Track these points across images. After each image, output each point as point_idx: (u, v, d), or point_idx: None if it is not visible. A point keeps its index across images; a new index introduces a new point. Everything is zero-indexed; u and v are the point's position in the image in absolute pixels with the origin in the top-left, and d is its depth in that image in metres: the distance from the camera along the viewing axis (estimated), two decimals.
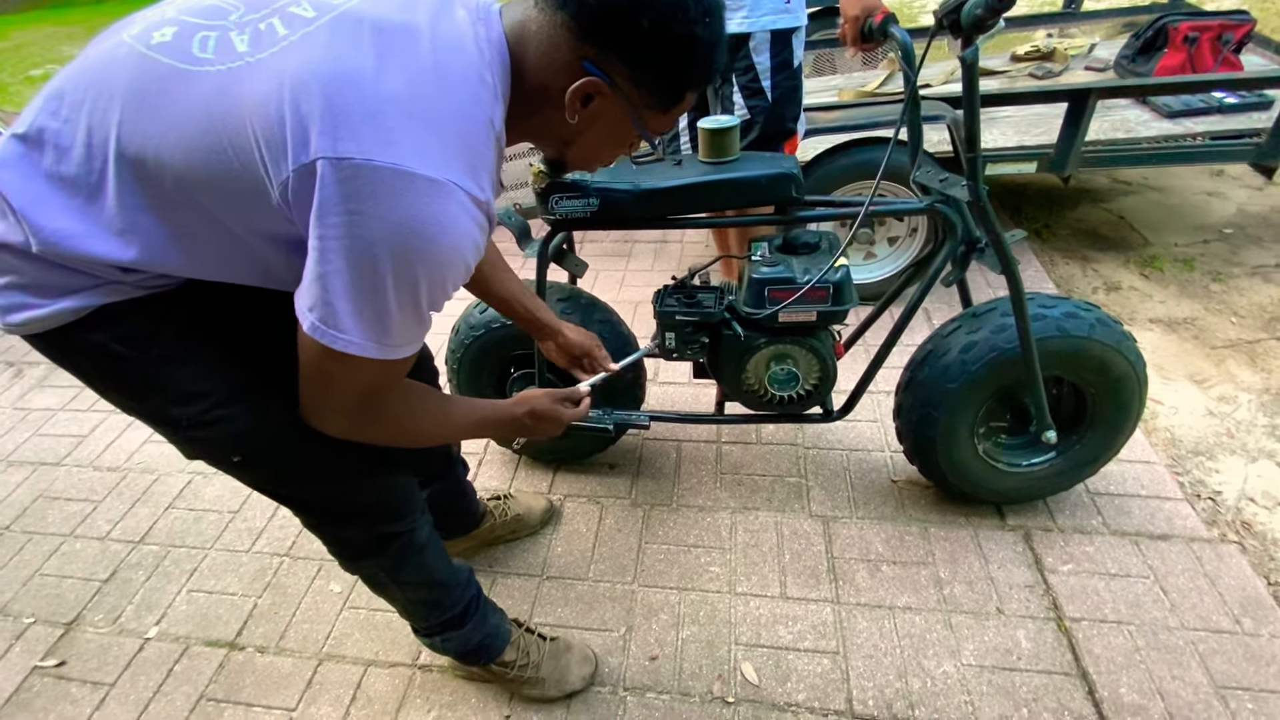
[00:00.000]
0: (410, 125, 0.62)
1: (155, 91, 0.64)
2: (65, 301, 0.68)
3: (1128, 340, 1.33)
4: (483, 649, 1.21)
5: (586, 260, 1.52)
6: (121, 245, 0.66)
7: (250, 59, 0.63)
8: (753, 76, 1.68)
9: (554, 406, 1.01)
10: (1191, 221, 2.64)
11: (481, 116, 0.68)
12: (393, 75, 0.62)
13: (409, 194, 0.61)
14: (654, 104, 0.74)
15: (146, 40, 0.66)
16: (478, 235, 0.69)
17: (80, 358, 0.74)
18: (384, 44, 0.63)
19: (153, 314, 0.73)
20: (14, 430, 2.14)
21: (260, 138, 0.61)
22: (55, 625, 1.54)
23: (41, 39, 9.30)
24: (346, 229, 0.61)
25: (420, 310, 0.69)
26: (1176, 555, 1.45)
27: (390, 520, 1.00)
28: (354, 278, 0.63)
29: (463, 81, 0.66)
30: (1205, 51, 2.34)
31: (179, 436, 0.82)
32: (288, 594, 1.55)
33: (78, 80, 0.67)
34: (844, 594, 1.44)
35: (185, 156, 0.63)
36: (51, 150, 0.65)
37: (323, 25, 0.64)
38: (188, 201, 0.65)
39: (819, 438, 1.82)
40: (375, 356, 0.68)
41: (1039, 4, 5.03)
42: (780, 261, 1.30)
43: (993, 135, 2.28)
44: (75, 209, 0.65)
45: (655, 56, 0.69)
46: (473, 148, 0.67)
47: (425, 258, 0.64)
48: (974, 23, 0.93)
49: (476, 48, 0.68)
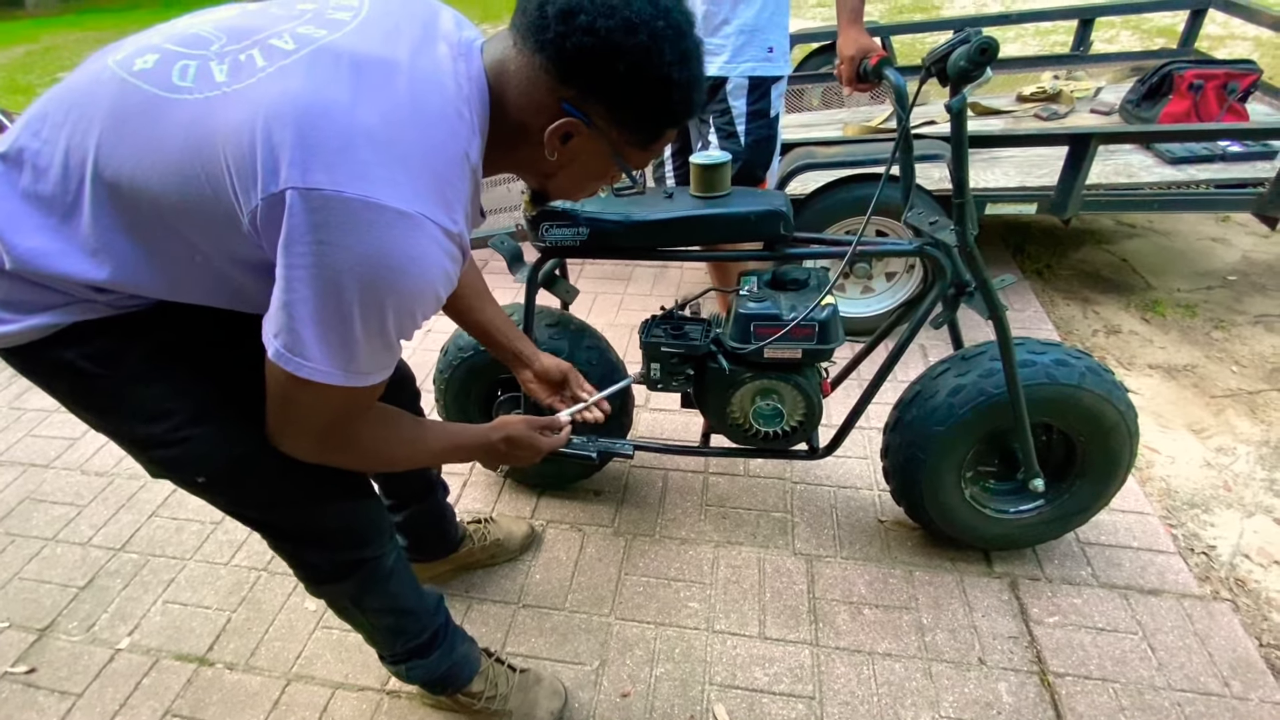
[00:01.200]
0: (382, 158, 0.62)
1: (134, 116, 0.64)
2: (37, 318, 0.69)
3: (1118, 390, 1.31)
4: (449, 678, 1.19)
5: (586, 282, 1.53)
6: (94, 265, 0.67)
7: (228, 89, 0.63)
8: (728, 119, 1.70)
9: (530, 434, 1.01)
10: (1195, 267, 2.62)
11: (456, 150, 0.68)
12: (368, 108, 0.63)
13: (378, 226, 0.61)
14: (633, 141, 0.74)
15: (129, 66, 0.67)
16: (449, 266, 0.69)
17: (50, 373, 0.75)
18: (361, 77, 0.64)
19: (123, 333, 0.73)
20: (7, 430, 2.15)
21: (232, 166, 0.62)
22: (29, 631, 1.53)
23: (72, 43, 9.56)
24: (314, 258, 0.61)
25: (388, 339, 0.69)
26: (1166, 612, 1.41)
27: (356, 547, 0.99)
28: (319, 306, 0.63)
29: (439, 116, 0.67)
30: (1211, 99, 2.35)
31: (144, 455, 0.82)
32: (262, 610, 1.54)
33: (60, 102, 0.68)
34: (823, 636, 1.41)
35: (160, 181, 0.64)
36: (30, 169, 0.66)
37: (301, 58, 0.65)
38: (161, 225, 0.66)
39: (807, 473, 1.80)
40: (341, 384, 0.68)
41: (1048, 46, 5.07)
42: (767, 297, 1.29)
43: (994, 175, 2.28)
44: (50, 228, 0.66)
45: (632, 98, 0.69)
46: (446, 180, 0.67)
47: (393, 288, 0.64)
48: (959, 74, 0.93)
49: (455, 83, 0.68)
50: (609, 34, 0.64)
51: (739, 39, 1.63)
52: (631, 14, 0.64)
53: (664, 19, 0.65)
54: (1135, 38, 5.22)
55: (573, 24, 0.64)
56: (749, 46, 1.64)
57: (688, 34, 0.69)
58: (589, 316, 2.46)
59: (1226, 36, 5.00)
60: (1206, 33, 4.92)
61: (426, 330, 2.49)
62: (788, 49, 1.72)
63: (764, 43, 1.64)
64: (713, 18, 1.63)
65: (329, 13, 0.70)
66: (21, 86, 7.29)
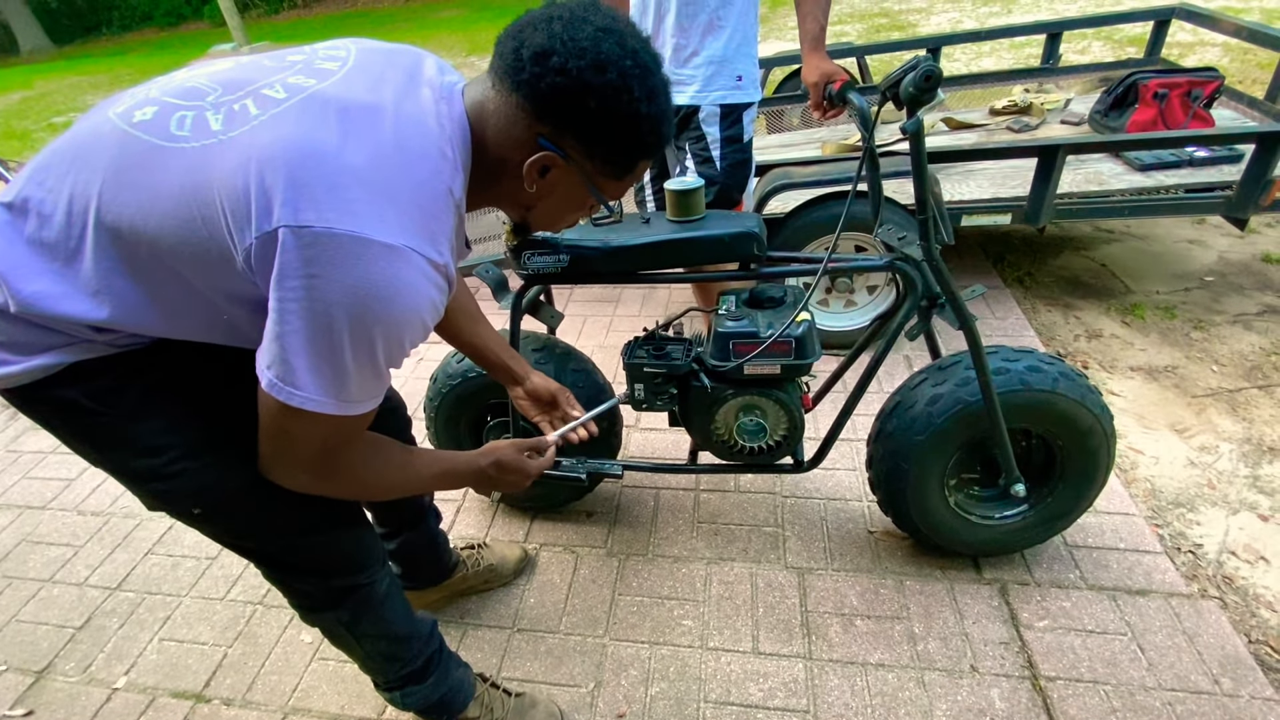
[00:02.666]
0: (370, 195, 0.66)
1: (134, 165, 0.68)
2: (39, 359, 0.72)
3: (1093, 393, 1.34)
4: (445, 705, 1.20)
5: (575, 305, 1.57)
6: (95, 305, 0.70)
7: (223, 137, 0.67)
8: (704, 145, 1.75)
9: (519, 458, 1.03)
10: (1173, 269, 2.67)
11: (440, 187, 0.72)
12: (355, 150, 0.67)
13: (365, 259, 0.65)
14: (608, 173, 0.78)
15: (129, 119, 0.70)
16: (435, 296, 0.72)
17: (50, 412, 0.77)
18: (348, 121, 0.68)
19: (122, 371, 0.76)
20: (4, 473, 2.16)
21: (227, 208, 0.65)
22: (27, 673, 1.53)
23: (65, 88, 9.70)
24: (305, 292, 0.64)
25: (378, 368, 0.72)
26: (1155, 611, 1.43)
27: (349, 573, 1.00)
28: (311, 337, 0.66)
29: (422, 155, 0.71)
30: (1176, 107, 2.41)
31: (141, 488, 0.84)
32: (259, 643, 1.54)
33: (63, 154, 0.72)
34: (816, 649, 1.42)
35: (158, 225, 0.67)
36: (35, 217, 0.70)
37: (292, 105, 0.69)
38: (160, 266, 0.70)
39: (797, 486, 1.82)
40: (333, 413, 0.71)
41: (1022, 59, 5.19)
42: (745, 316, 1.33)
43: (969, 187, 2.34)
44: (53, 272, 0.70)
45: (604, 133, 0.73)
46: (431, 215, 0.71)
47: (381, 319, 0.67)
48: (910, 99, 0.97)
49: (438, 124, 0.72)
50: (580, 73, 0.68)
51: (708, 69, 1.69)
52: (601, 55, 0.68)
53: (631, 59, 0.70)
54: (1106, 48, 5.35)
55: (546, 65, 0.68)
56: (719, 76, 1.70)
57: (655, 72, 0.73)
58: (578, 339, 2.49)
59: (1196, 43, 5.12)
60: (1177, 40, 5.05)
61: (418, 359, 2.52)
62: (757, 76, 1.77)
63: (733, 72, 1.70)
64: (682, 50, 1.69)
65: (317, 63, 0.74)
66: (17, 132, 7.39)
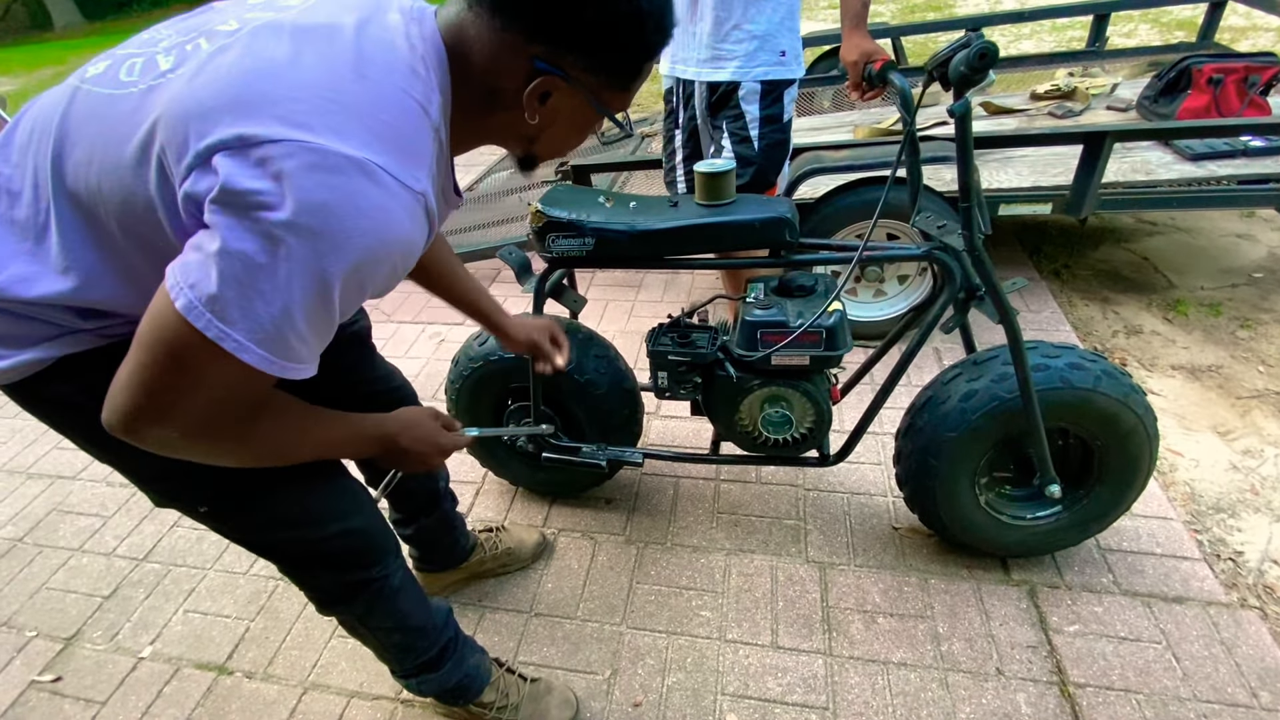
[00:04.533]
0: (325, 107, 0.57)
1: (84, 120, 0.64)
2: (28, 353, 0.69)
3: (1136, 393, 1.28)
4: (461, 690, 1.20)
5: (596, 290, 1.54)
6: (63, 281, 0.65)
7: (171, 75, 0.62)
8: (742, 124, 1.70)
9: (434, 426, 0.92)
10: (1219, 264, 2.56)
11: (412, 105, 0.63)
12: (308, 64, 0.59)
13: (320, 170, 0.55)
14: (613, 84, 0.71)
15: (82, 75, 0.67)
16: (408, 227, 0.62)
17: (49, 408, 0.75)
18: (302, 39, 0.61)
19: (116, 364, 0.70)
20: (36, 443, 2.21)
21: (167, 140, 0.58)
22: (56, 640, 1.57)
23: None
24: (247, 211, 0.55)
25: (330, 310, 0.61)
26: (1191, 620, 1.38)
27: (362, 567, 0.99)
28: (250, 265, 0.55)
29: (388, 70, 0.62)
30: (1231, 94, 2.30)
31: (147, 487, 0.83)
32: (280, 619, 1.56)
33: (26, 125, 0.68)
34: (837, 646, 1.39)
35: (109, 178, 0.61)
36: (5, 196, 0.66)
37: (243, 35, 0.63)
38: (123, 231, 0.64)
39: (820, 479, 1.78)
40: (257, 366, 0.59)
41: (1064, 42, 5.00)
42: (774, 304, 1.29)
43: (1008, 175, 2.25)
44: (25, 253, 0.65)
45: (606, 42, 0.67)
46: (401, 134, 0.62)
47: (336, 243, 0.57)
48: (960, 79, 0.92)
49: (408, 42, 0.65)
50: None
51: (750, 44, 1.63)
52: None
53: None
54: (1154, 32, 5.13)
55: None
56: (761, 51, 1.64)
57: None
58: (600, 324, 2.47)
59: (1249, 28, 4.89)
60: (1228, 24, 4.83)
61: (439, 340, 2.51)
62: (800, 52, 1.71)
63: (776, 47, 1.64)
64: (724, 22, 1.63)
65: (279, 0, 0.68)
66: None
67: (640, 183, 3.01)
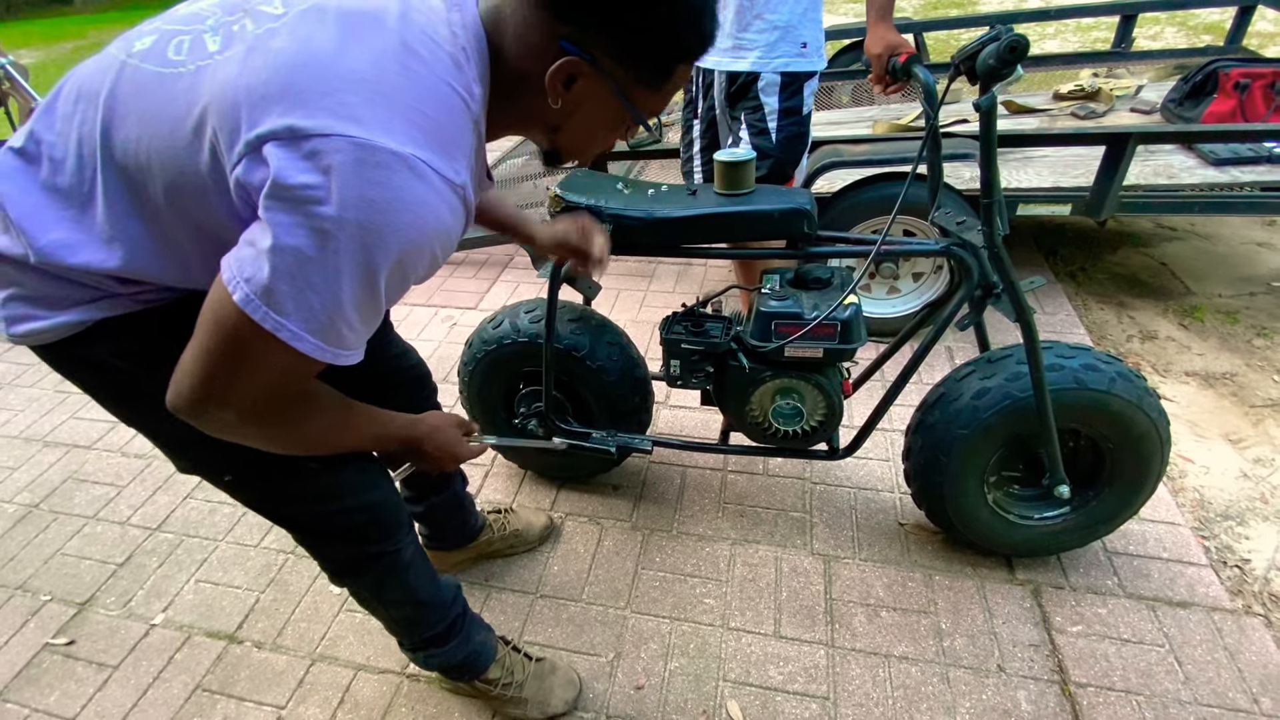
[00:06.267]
0: (372, 100, 0.58)
1: (133, 96, 0.64)
2: (66, 315, 0.70)
3: (1150, 396, 1.28)
4: (466, 666, 1.22)
5: (609, 279, 1.55)
6: (109, 253, 0.67)
7: (219, 56, 0.63)
8: (760, 115, 1.69)
9: (455, 435, 0.98)
10: (1238, 272, 2.54)
11: (454, 98, 0.64)
12: (355, 55, 0.60)
13: (368, 165, 0.57)
14: (642, 80, 0.69)
15: (128, 49, 0.68)
16: (449, 220, 0.64)
17: (82, 370, 0.76)
18: (348, 27, 0.62)
19: (150, 329, 0.73)
20: (53, 411, 2.24)
21: (219, 128, 0.60)
22: (70, 605, 1.60)
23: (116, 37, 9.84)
24: (297, 204, 0.57)
25: (376, 300, 0.64)
26: (1195, 625, 1.38)
27: (377, 540, 1.00)
28: (301, 258, 0.58)
29: (432, 60, 0.63)
30: (1258, 99, 2.27)
31: (173, 452, 0.84)
32: (289, 591, 1.58)
33: (69, 94, 0.68)
34: (839, 638, 1.40)
35: (160, 157, 0.63)
36: (47, 162, 0.67)
37: (289, 19, 0.63)
38: (168, 205, 0.65)
39: (827, 473, 1.79)
40: (310, 354, 0.62)
41: (1089, 43, 4.93)
42: (789, 295, 1.29)
43: (1028, 175, 2.24)
44: (69, 220, 0.66)
45: (636, 28, 0.65)
46: (444, 127, 0.63)
47: (384, 236, 0.59)
48: (988, 73, 0.91)
49: (449, 30, 0.65)
50: None
51: (772, 34, 1.62)
52: None
53: None
54: (1180, 35, 5.05)
55: None
56: (782, 42, 1.63)
57: None
58: (612, 313, 2.47)
59: (1278, 34, 4.81)
60: (1256, 30, 4.75)
61: (451, 324, 2.52)
62: (822, 44, 1.70)
63: (797, 38, 1.63)
64: (745, 13, 1.62)
65: None
66: None
67: (656, 172, 3.00)
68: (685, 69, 0.71)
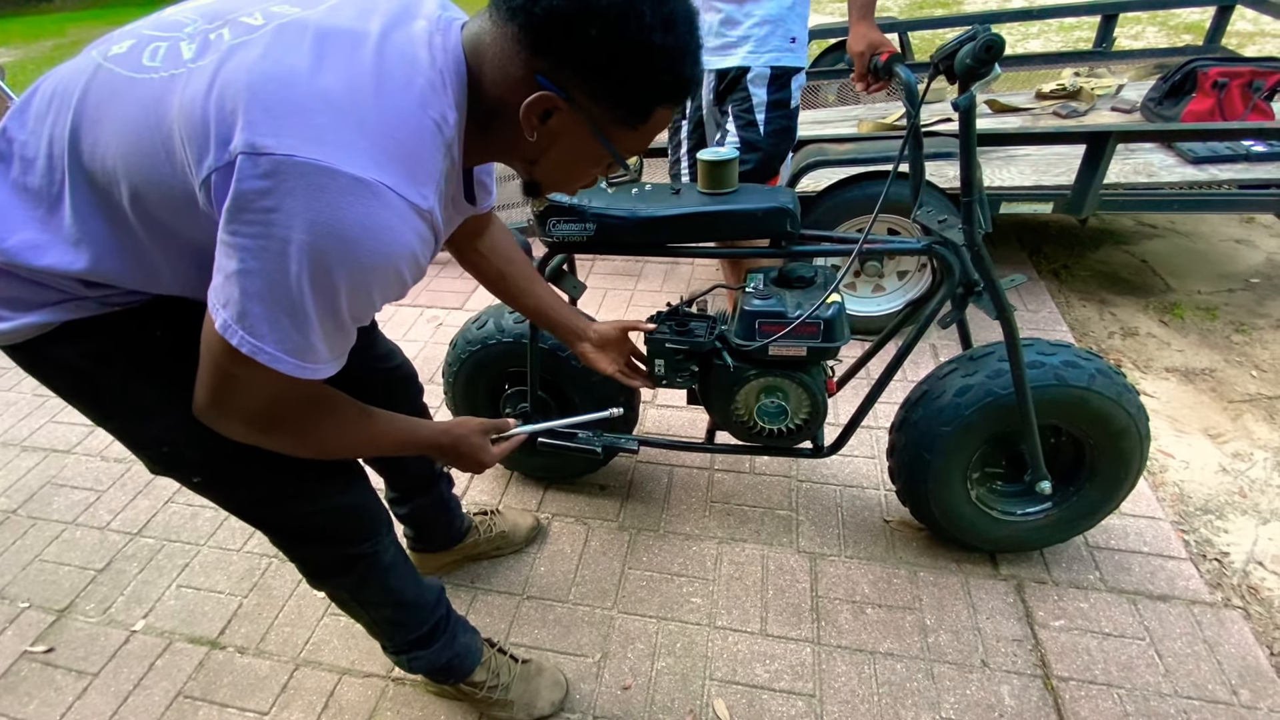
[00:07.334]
0: (340, 123, 0.58)
1: (105, 100, 0.64)
2: (31, 316, 0.69)
3: (1129, 393, 1.29)
4: (451, 668, 1.21)
5: (596, 278, 1.54)
6: (75, 255, 0.66)
7: (192, 65, 0.62)
8: (748, 107, 1.69)
9: (482, 443, 0.97)
10: (1217, 269, 2.57)
11: (426, 123, 0.64)
12: (329, 75, 0.60)
13: (329, 191, 0.57)
14: (619, 120, 0.68)
15: (106, 51, 0.67)
16: (414, 243, 0.64)
17: (49, 371, 0.75)
18: (324, 46, 0.62)
19: (118, 331, 0.73)
20: (31, 415, 2.21)
21: (187, 138, 0.60)
22: (49, 612, 1.57)
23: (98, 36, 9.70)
24: (262, 227, 0.58)
25: (341, 321, 0.65)
26: (1175, 618, 1.39)
27: (353, 542, 0.99)
28: (269, 281, 0.59)
29: (406, 84, 0.63)
30: (1235, 98, 2.30)
31: (142, 453, 0.83)
32: (272, 595, 1.57)
33: (45, 93, 0.68)
34: (825, 635, 1.41)
35: (126, 162, 0.63)
36: (18, 162, 0.67)
37: (267, 31, 0.63)
38: (135, 209, 0.65)
39: (813, 471, 1.80)
40: (289, 373, 0.64)
41: (1071, 42, 4.98)
42: (773, 294, 1.29)
43: (1010, 173, 2.25)
44: (37, 220, 0.66)
45: (610, 68, 0.63)
46: (413, 152, 0.63)
47: (346, 262, 0.60)
48: (966, 72, 0.92)
49: (429, 54, 0.65)
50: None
51: (762, 29, 1.62)
52: None
53: None
54: (1161, 34, 5.12)
55: None
56: (772, 37, 1.63)
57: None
58: (599, 312, 2.47)
59: (1256, 34, 4.88)
60: (1235, 29, 4.82)
61: (437, 324, 2.51)
62: (806, 42, 1.71)
63: (786, 33, 1.64)
64: (733, 12, 1.63)
65: None
66: None
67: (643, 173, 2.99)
68: (666, 111, 0.70)
